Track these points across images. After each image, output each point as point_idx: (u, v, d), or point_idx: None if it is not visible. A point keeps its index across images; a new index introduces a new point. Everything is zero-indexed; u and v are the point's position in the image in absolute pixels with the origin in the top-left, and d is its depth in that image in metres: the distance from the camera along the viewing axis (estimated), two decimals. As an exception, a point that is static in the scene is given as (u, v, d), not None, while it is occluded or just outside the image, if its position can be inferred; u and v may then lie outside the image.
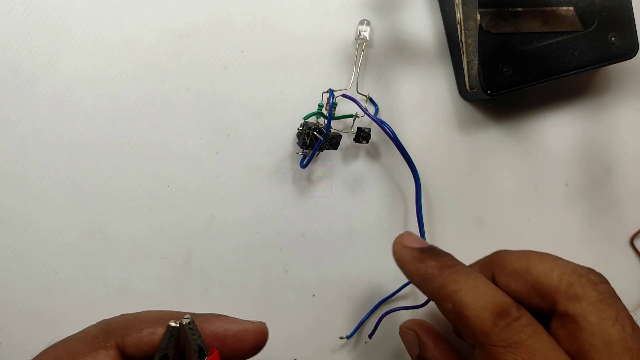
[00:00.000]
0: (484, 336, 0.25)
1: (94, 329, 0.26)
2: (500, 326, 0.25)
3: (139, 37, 0.37)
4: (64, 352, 0.25)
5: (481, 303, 0.26)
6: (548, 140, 0.43)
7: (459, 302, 0.26)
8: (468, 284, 0.27)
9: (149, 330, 0.26)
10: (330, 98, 0.36)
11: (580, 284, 0.27)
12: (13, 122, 0.37)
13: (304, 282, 0.40)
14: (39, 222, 0.37)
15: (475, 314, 0.26)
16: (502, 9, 0.38)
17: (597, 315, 0.25)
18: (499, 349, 0.24)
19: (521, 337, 0.24)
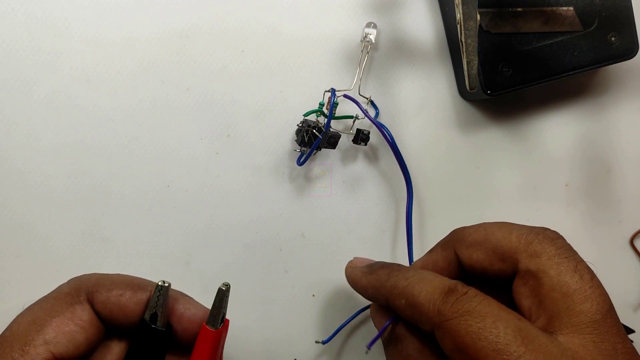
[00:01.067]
0: (437, 315, 0.26)
1: (66, 287, 0.28)
2: (450, 302, 0.26)
3: (139, 38, 0.38)
4: (41, 312, 0.27)
5: (429, 289, 0.27)
6: (548, 140, 0.43)
7: (410, 294, 0.28)
8: (415, 277, 0.28)
9: (118, 292, 0.28)
10: (332, 97, 0.36)
11: (538, 241, 0.28)
12: (13, 122, 0.37)
13: (304, 282, 0.40)
14: (40, 221, 0.37)
15: (426, 299, 0.27)
16: (502, 9, 0.38)
17: (556, 268, 0.26)
18: (453, 322, 0.25)
19: (471, 305, 0.25)
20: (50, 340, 0.26)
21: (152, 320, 0.28)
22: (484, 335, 0.24)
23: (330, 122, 0.36)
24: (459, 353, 0.25)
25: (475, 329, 0.24)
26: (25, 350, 0.25)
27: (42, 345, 0.25)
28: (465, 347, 0.24)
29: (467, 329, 0.25)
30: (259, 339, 0.39)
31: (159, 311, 0.28)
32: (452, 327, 0.25)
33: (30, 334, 0.26)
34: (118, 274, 0.30)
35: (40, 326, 0.26)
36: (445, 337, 0.25)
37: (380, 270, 0.31)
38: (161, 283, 0.28)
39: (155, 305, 0.28)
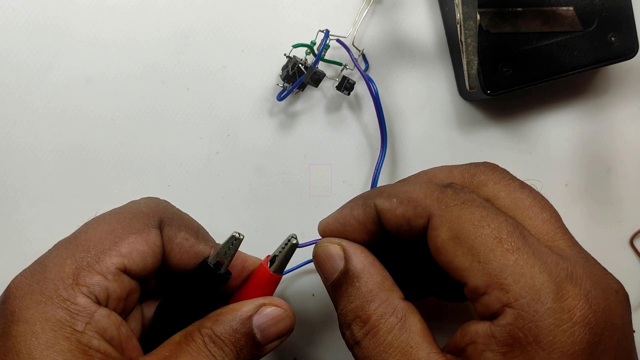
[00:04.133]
0: (436, 203, 0.25)
1: (144, 206, 0.29)
2: (450, 192, 0.26)
3: (140, 38, 0.38)
4: (118, 224, 0.27)
5: (423, 185, 0.27)
6: (548, 140, 0.43)
7: (403, 191, 0.27)
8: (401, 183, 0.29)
9: (185, 235, 0.29)
10: (325, 38, 0.36)
11: (480, 171, 0.28)
12: (14, 122, 0.37)
13: (304, 282, 0.40)
14: (40, 221, 0.37)
15: (422, 192, 0.26)
16: (502, 9, 0.38)
17: (505, 190, 0.27)
18: (455, 208, 0.25)
19: (471, 196, 0.25)
20: (124, 254, 0.26)
21: (216, 265, 0.29)
22: (487, 223, 0.24)
23: (318, 62, 0.36)
24: (453, 241, 0.24)
25: (478, 216, 0.24)
26: (100, 257, 0.26)
27: (117, 257, 0.26)
28: (464, 233, 0.24)
29: (469, 215, 0.24)
30: (259, 338, 0.39)
31: (226, 260, 0.29)
32: (453, 213, 0.25)
33: (107, 243, 0.26)
34: (193, 219, 0.31)
35: (117, 238, 0.27)
36: (441, 225, 0.25)
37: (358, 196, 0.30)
38: (237, 235, 0.29)
39: (224, 254, 0.29)
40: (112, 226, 0.27)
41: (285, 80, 0.37)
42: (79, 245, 0.26)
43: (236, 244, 0.29)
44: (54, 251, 0.26)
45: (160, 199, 0.30)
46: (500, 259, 0.23)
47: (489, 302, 0.23)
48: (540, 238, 0.25)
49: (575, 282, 0.23)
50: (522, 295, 0.23)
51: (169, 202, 0.30)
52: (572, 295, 0.23)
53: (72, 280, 0.25)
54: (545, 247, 0.24)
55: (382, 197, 0.27)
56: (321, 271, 0.29)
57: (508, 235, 0.24)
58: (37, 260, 0.26)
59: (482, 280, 0.24)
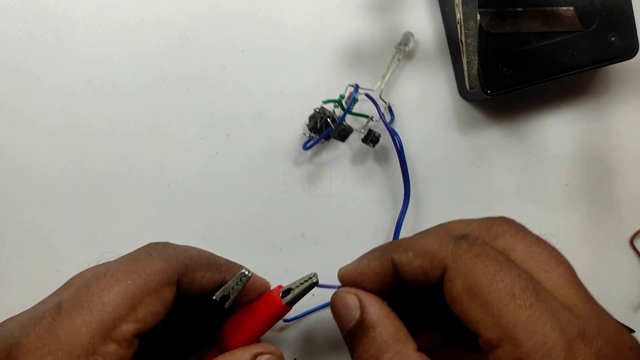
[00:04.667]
0: (451, 255, 0.26)
1: (159, 263, 0.27)
2: (464, 245, 0.26)
3: (139, 38, 0.38)
4: (134, 287, 0.26)
5: (438, 237, 0.27)
6: (548, 141, 0.43)
7: (419, 245, 0.28)
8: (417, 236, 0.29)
9: (202, 273, 0.29)
10: (354, 92, 0.37)
11: (497, 225, 0.29)
12: (14, 121, 0.37)
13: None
14: (40, 222, 0.37)
15: (437, 244, 0.27)
16: (502, 9, 0.38)
17: (521, 242, 0.28)
18: (469, 261, 0.25)
19: (485, 249, 0.26)
20: (140, 319, 0.25)
21: (222, 299, 0.29)
22: (500, 278, 0.24)
23: (346, 115, 0.37)
24: (468, 294, 0.25)
25: (492, 270, 0.24)
26: (116, 325, 0.25)
27: (133, 323, 0.25)
28: (478, 287, 0.24)
29: (483, 269, 0.25)
30: (259, 338, 0.39)
31: (232, 295, 0.29)
32: (467, 266, 0.25)
33: (123, 309, 0.25)
34: (198, 249, 0.30)
35: (135, 302, 0.25)
36: (456, 278, 0.25)
37: (376, 247, 0.31)
38: (246, 272, 0.29)
39: (231, 289, 0.29)
40: (127, 288, 0.26)
41: (312, 131, 0.38)
42: (93, 311, 0.25)
43: (244, 281, 0.29)
44: (67, 316, 0.25)
45: (167, 245, 0.29)
46: (514, 315, 0.24)
47: (502, 355, 0.24)
48: (554, 292, 0.26)
49: (587, 340, 0.24)
50: (535, 351, 0.23)
51: (174, 245, 0.29)
52: (583, 353, 0.23)
53: (87, 350, 0.24)
54: (559, 303, 0.25)
55: (399, 251, 0.28)
56: (338, 319, 0.30)
57: (521, 290, 0.24)
58: (45, 323, 0.25)
59: (496, 334, 0.24)
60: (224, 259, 0.31)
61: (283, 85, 0.39)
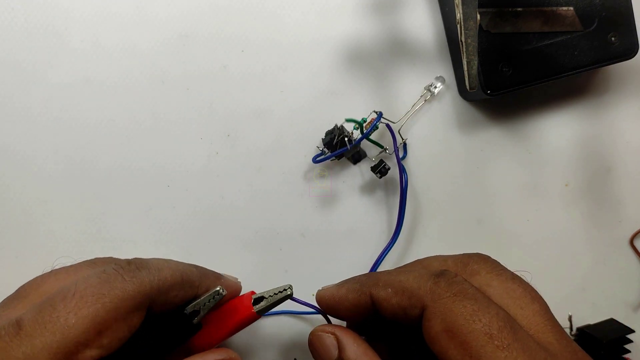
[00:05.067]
0: (429, 294, 0.26)
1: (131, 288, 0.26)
2: (442, 283, 0.26)
3: (139, 37, 0.38)
4: (104, 311, 0.24)
5: (417, 274, 0.27)
6: (548, 140, 0.43)
7: (397, 281, 0.28)
8: (397, 271, 0.29)
9: (175, 293, 0.28)
10: (376, 120, 0.37)
11: (473, 261, 0.29)
12: (14, 122, 0.37)
13: (304, 282, 0.40)
14: (40, 222, 0.37)
15: (415, 282, 0.27)
16: (502, 9, 0.38)
17: (497, 279, 0.28)
18: (447, 300, 0.25)
19: (464, 287, 0.26)
20: (105, 345, 0.24)
21: (192, 314, 0.29)
22: (478, 318, 0.24)
23: (362, 140, 0.37)
24: (446, 334, 0.25)
25: (470, 310, 0.25)
26: (79, 350, 0.23)
27: (97, 349, 0.24)
28: (456, 327, 0.24)
29: (461, 309, 0.25)
30: (259, 339, 0.39)
31: (203, 311, 0.29)
32: (446, 306, 0.25)
33: (89, 334, 0.24)
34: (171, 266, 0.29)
35: (102, 327, 0.24)
36: (434, 317, 0.25)
37: (356, 277, 0.31)
38: (220, 290, 0.29)
39: (203, 305, 0.29)
40: (96, 312, 0.24)
41: (326, 146, 0.38)
42: (57, 334, 0.23)
43: (217, 299, 0.29)
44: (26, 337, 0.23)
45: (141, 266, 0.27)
46: (491, 355, 0.24)
47: None
48: (530, 329, 0.26)
49: None
50: None
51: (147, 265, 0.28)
52: None
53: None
54: (535, 343, 0.25)
55: (378, 287, 0.28)
56: (315, 358, 0.31)
57: (499, 331, 0.24)
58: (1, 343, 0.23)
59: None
60: (197, 271, 0.30)
61: (283, 85, 0.39)
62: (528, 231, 0.43)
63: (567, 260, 0.44)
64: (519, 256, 0.43)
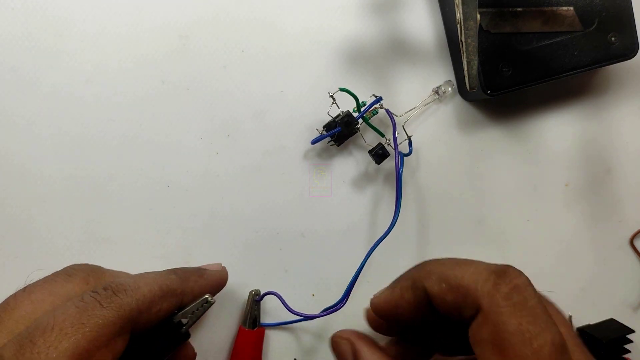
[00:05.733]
0: (487, 297, 0.24)
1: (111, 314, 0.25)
2: (503, 288, 0.24)
3: (139, 38, 0.38)
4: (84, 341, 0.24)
5: (474, 269, 0.25)
6: (548, 140, 0.43)
7: (452, 276, 0.25)
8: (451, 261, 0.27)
9: (157, 308, 0.27)
10: (373, 102, 0.37)
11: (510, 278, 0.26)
12: (13, 122, 0.37)
13: (304, 282, 0.40)
14: (39, 222, 0.37)
15: (472, 280, 0.25)
16: (502, 9, 0.38)
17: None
18: (504, 312, 0.23)
19: (524, 298, 0.24)
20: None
21: (179, 324, 0.28)
22: (530, 341, 0.23)
23: (360, 118, 0.37)
24: (492, 347, 0.23)
25: (525, 329, 0.23)
26: None
27: None
28: (505, 344, 0.23)
29: (516, 326, 0.23)
30: (259, 339, 0.39)
31: (191, 320, 0.29)
32: (501, 317, 0.23)
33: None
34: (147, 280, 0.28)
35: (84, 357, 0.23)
36: (486, 324, 0.24)
37: (406, 273, 0.29)
38: (209, 298, 0.29)
39: (191, 314, 0.29)
40: (77, 343, 0.23)
41: (325, 128, 0.38)
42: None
43: (206, 307, 0.29)
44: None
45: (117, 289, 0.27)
46: None
47: None
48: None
49: None
50: None
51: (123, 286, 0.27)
52: None
53: None
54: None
55: (431, 280, 0.27)
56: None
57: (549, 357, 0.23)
58: None
59: None
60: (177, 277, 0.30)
61: (283, 85, 0.39)
62: (528, 231, 0.43)
63: (567, 260, 0.44)
64: (519, 256, 0.43)
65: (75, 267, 0.29)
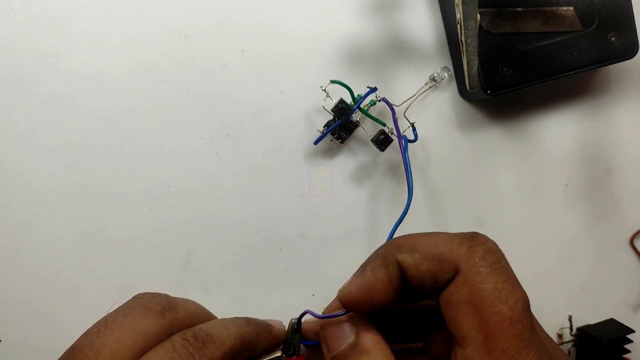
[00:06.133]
0: (464, 259, 0.25)
1: None
2: (477, 249, 0.25)
3: (139, 37, 0.38)
4: None
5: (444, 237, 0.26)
6: (548, 140, 0.43)
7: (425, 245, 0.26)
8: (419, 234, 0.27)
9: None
10: (368, 93, 0.37)
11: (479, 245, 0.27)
12: (13, 122, 0.37)
13: (303, 282, 0.40)
14: (40, 221, 0.37)
15: (446, 245, 0.25)
16: (502, 9, 0.38)
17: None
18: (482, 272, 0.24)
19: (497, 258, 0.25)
20: None
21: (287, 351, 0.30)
22: (506, 298, 0.24)
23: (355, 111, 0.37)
24: (469, 306, 0.24)
25: (501, 287, 0.24)
26: None
27: None
28: (482, 302, 0.24)
29: (492, 285, 0.24)
30: (259, 339, 0.39)
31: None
32: (478, 277, 0.24)
33: None
34: (231, 334, 0.28)
35: None
36: (464, 285, 0.24)
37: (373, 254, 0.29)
38: (282, 356, 0.29)
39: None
40: None
41: (325, 127, 0.38)
42: None
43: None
44: None
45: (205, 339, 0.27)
46: (507, 341, 0.23)
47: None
48: None
49: None
50: None
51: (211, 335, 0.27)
52: None
53: None
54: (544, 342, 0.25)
55: (404, 252, 0.27)
56: (327, 341, 0.29)
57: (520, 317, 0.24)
58: None
59: (480, 354, 0.24)
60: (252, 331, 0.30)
61: (283, 85, 0.39)
62: (528, 231, 0.43)
63: (567, 260, 0.44)
64: (519, 256, 0.43)
65: (148, 298, 0.29)
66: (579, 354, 0.43)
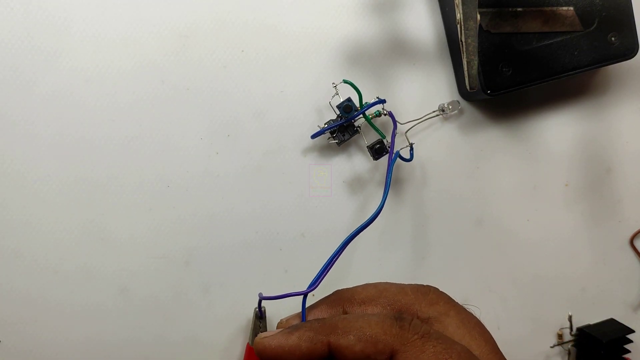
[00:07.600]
0: (397, 338, 0.26)
1: None
2: (407, 326, 0.27)
3: (139, 37, 0.38)
4: None
5: (376, 319, 0.27)
6: (548, 140, 0.43)
7: (358, 327, 0.27)
8: (352, 315, 0.29)
9: None
10: (373, 103, 0.37)
11: (432, 291, 0.31)
12: (13, 121, 0.37)
13: (303, 282, 0.40)
14: (39, 221, 0.37)
15: (379, 327, 0.27)
16: (502, 9, 0.38)
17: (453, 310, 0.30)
18: (417, 342, 0.26)
19: (426, 328, 0.27)
20: None
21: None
22: (448, 355, 0.26)
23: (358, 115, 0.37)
24: None
25: (440, 349, 0.26)
26: None
27: None
28: None
29: (433, 348, 0.26)
30: (259, 339, 0.39)
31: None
32: (417, 347, 0.26)
33: None
34: None
35: None
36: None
37: (306, 324, 0.29)
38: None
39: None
40: None
41: (326, 124, 0.38)
42: None
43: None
44: None
45: None
46: None
47: None
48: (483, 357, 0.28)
49: None
50: None
51: None
52: None
53: None
54: None
55: (337, 334, 0.27)
56: None
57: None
58: None
59: None
60: None
61: (283, 85, 0.39)
62: (528, 231, 0.43)
63: (567, 260, 0.44)
64: (518, 256, 0.43)
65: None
66: (579, 354, 0.43)
